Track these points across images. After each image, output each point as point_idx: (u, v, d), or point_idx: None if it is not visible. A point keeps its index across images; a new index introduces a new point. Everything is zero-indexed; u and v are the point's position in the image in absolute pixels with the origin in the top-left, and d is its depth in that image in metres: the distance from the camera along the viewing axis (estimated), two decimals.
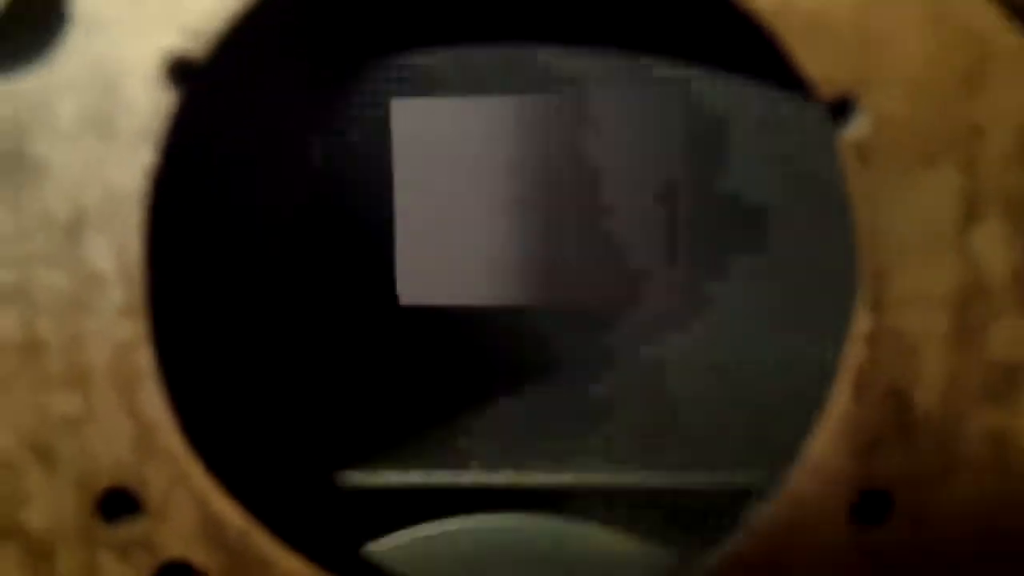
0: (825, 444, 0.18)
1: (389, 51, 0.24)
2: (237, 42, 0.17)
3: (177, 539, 0.19)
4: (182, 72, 0.17)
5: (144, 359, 0.18)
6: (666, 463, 0.21)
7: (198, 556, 0.19)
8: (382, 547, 0.20)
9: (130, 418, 0.18)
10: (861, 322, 0.18)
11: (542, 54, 0.24)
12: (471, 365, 0.25)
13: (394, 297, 0.25)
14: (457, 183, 0.24)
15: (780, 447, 0.19)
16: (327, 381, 0.24)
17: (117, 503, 0.19)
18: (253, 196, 0.20)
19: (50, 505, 0.19)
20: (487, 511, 0.20)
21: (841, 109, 0.17)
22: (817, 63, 0.17)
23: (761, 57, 0.19)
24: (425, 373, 0.25)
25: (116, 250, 0.18)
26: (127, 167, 0.18)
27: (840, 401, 0.18)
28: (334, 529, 0.20)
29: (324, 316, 0.25)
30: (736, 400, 0.23)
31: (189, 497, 0.18)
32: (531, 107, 0.24)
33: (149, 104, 0.17)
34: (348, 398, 0.24)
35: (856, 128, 0.17)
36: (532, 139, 0.24)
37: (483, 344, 0.25)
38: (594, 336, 0.25)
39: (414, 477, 0.20)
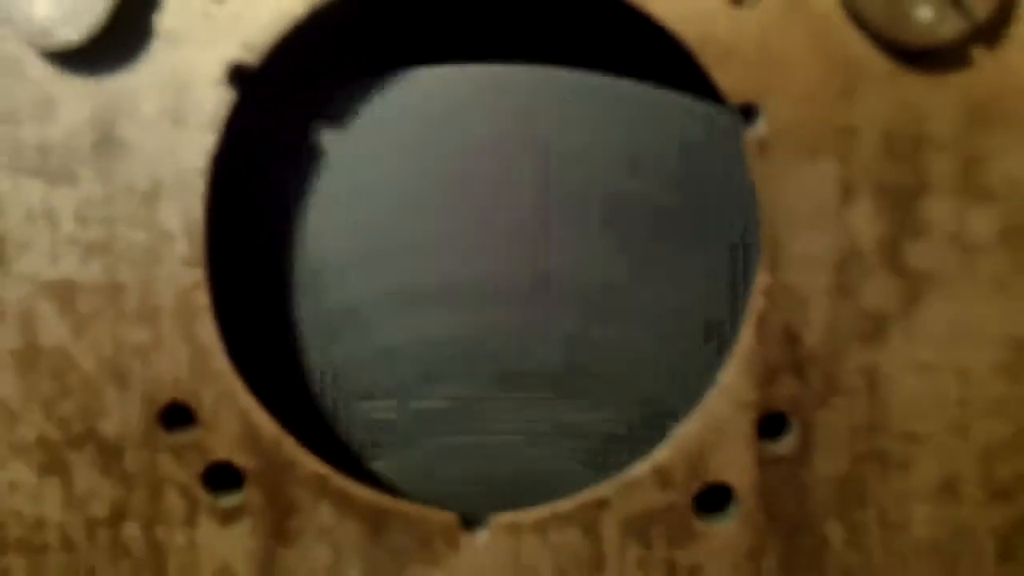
0: (734, 375, 0.23)
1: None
2: (283, 53, 0.22)
3: (223, 444, 0.23)
4: (239, 76, 0.22)
5: (201, 300, 0.23)
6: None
7: (239, 458, 0.23)
8: None
9: (189, 346, 0.23)
10: (761, 279, 0.23)
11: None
12: None
13: None
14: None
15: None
16: None
17: (175, 415, 0.23)
18: (284, 171, 0.25)
19: (121, 416, 0.23)
20: None
21: (747, 113, 0.22)
22: (729, 78, 0.22)
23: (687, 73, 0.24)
24: None
25: (183, 214, 0.23)
26: (194, 149, 0.23)
27: (745, 341, 0.23)
28: (343, 445, 0.25)
29: None
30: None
31: (233, 411, 0.23)
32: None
33: (213, 101, 0.22)
34: None
35: (758, 128, 0.22)
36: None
37: None
38: None
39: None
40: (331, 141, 0.24)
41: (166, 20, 0.22)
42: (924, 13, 0.21)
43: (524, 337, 0.25)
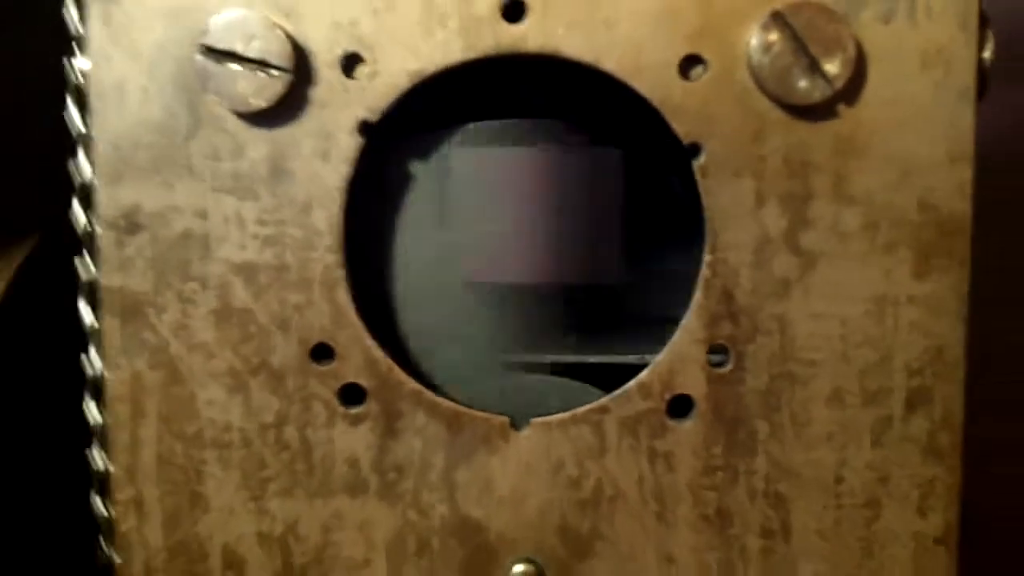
0: (691, 321, 0.35)
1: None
2: (393, 113, 0.35)
3: (352, 371, 0.35)
4: (365, 128, 0.35)
5: (339, 274, 0.35)
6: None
7: (362, 381, 0.35)
8: None
9: (330, 305, 0.35)
10: (707, 256, 0.34)
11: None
12: None
13: None
14: None
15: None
16: None
17: (321, 352, 0.35)
18: (384, 189, 0.37)
19: (284, 353, 0.35)
20: None
21: (694, 150, 0.34)
22: (681, 126, 0.34)
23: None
24: None
25: (327, 218, 0.35)
26: (335, 176, 0.35)
27: (697, 298, 0.35)
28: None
29: None
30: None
31: (360, 348, 0.35)
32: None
33: (348, 145, 0.34)
34: None
35: (702, 159, 0.34)
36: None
37: None
38: None
39: None
40: (424, 172, 0.37)
41: (318, 92, 0.34)
42: (803, 84, 0.33)
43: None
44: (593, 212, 0.38)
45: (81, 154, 0.35)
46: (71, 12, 0.35)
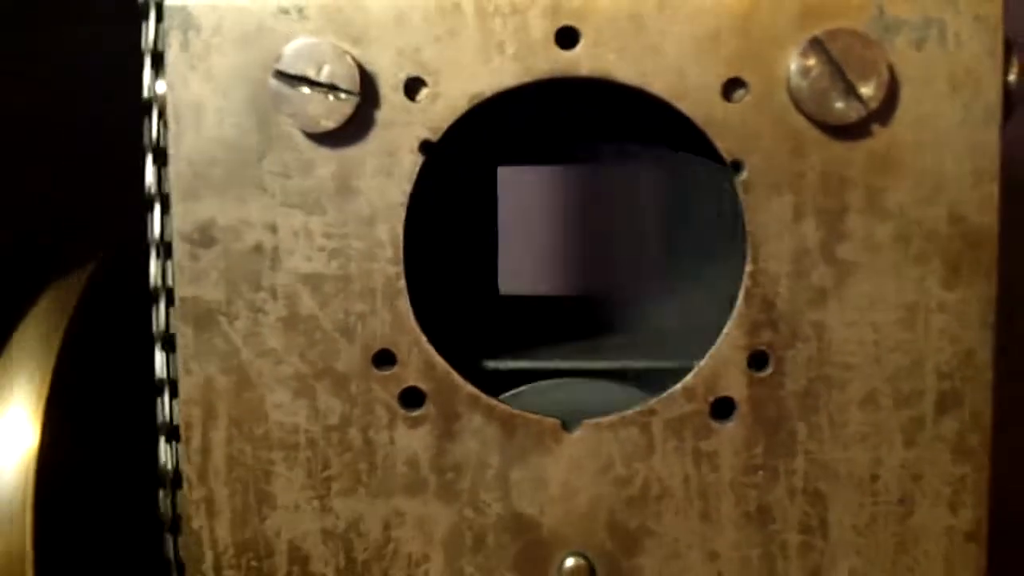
0: (732, 328, 0.37)
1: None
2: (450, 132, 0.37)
3: (412, 375, 0.37)
4: (426, 148, 0.37)
5: (399, 284, 0.37)
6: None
7: (422, 384, 0.37)
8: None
9: (391, 314, 0.37)
10: (748, 267, 0.36)
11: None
12: None
13: None
14: None
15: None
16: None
17: (383, 358, 0.37)
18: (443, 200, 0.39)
19: (348, 359, 0.37)
20: None
21: (736, 166, 0.37)
22: (724, 143, 0.36)
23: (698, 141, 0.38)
24: None
25: (389, 231, 0.37)
26: (397, 192, 0.37)
27: (740, 305, 0.37)
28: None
29: None
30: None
31: (418, 353, 0.37)
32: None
33: (410, 162, 0.37)
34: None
35: (743, 175, 0.36)
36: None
37: None
38: None
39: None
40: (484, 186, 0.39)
41: (382, 114, 0.37)
42: (840, 105, 0.35)
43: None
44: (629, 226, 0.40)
45: (154, 169, 0.38)
46: (149, 35, 0.38)
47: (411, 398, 0.37)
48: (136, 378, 0.40)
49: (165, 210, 0.38)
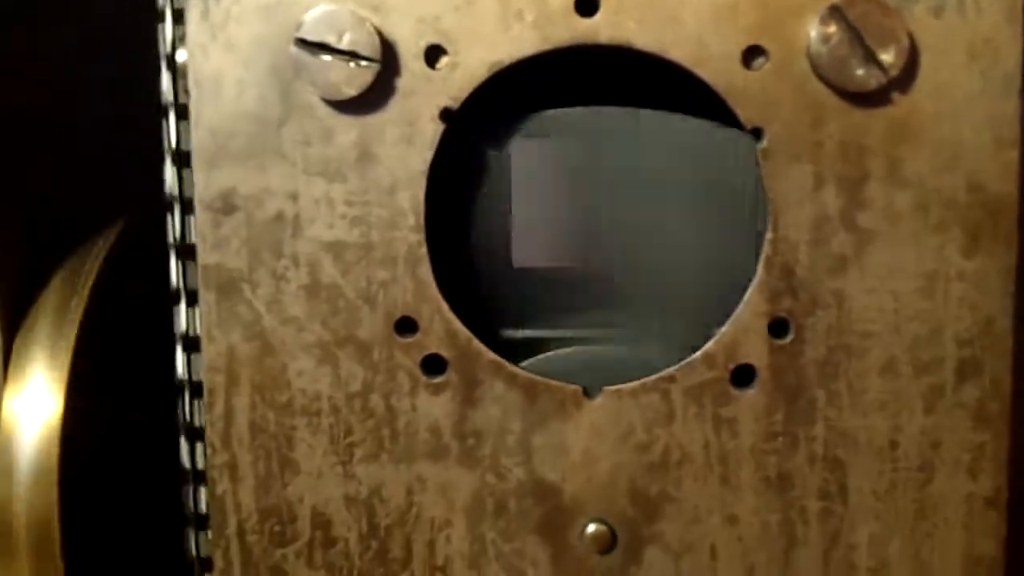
0: (753, 295, 0.37)
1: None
2: (472, 101, 0.37)
3: (434, 342, 0.37)
4: (447, 116, 0.37)
5: (422, 251, 0.37)
6: None
7: (444, 352, 0.37)
8: None
9: (413, 282, 0.37)
10: (769, 234, 0.37)
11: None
12: None
13: None
14: None
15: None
16: None
17: (405, 325, 0.37)
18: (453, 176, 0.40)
19: (371, 326, 0.37)
20: None
21: (756, 134, 0.37)
22: (744, 112, 0.36)
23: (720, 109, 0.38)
24: None
25: (411, 199, 0.37)
26: (418, 160, 0.37)
27: (761, 272, 0.37)
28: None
29: None
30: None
31: (441, 320, 0.37)
32: None
33: (431, 131, 0.37)
34: None
35: (764, 143, 0.36)
36: None
37: None
38: None
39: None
40: (499, 158, 0.39)
41: (403, 82, 0.37)
42: (860, 72, 0.35)
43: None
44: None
45: (175, 134, 0.38)
46: (168, 4, 0.38)
47: (433, 365, 0.37)
48: (157, 344, 0.40)
49: (184, 168, 0.38)
